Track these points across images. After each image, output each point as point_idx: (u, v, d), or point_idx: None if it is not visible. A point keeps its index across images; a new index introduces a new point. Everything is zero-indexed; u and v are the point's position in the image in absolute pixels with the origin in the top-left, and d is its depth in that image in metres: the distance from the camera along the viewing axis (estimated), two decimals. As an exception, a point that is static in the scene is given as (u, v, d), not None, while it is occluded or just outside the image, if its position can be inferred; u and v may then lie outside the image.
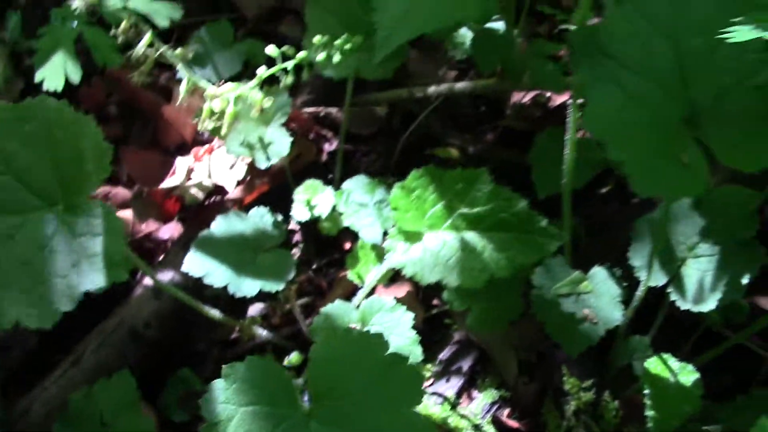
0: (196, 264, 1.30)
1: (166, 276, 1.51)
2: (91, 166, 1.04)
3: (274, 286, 1.30)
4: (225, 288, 1.32)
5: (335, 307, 1.28)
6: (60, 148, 1.03)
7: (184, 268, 1.30)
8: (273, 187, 1.63)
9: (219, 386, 0.94)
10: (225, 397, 0.94)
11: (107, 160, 1.04)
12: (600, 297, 1.27)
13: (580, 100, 1.17)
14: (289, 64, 1.29)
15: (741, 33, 0.80)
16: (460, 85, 1.72)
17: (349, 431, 0.95)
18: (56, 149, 1.03)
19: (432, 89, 1.73)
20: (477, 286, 1.14)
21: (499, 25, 1.59)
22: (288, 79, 1.31)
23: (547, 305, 1.26)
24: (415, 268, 1.15)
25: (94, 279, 1.00)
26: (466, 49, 1.66)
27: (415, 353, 1.24)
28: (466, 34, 1.66)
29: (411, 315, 1.27)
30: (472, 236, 1.17)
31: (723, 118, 0.98)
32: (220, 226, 1.36)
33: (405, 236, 1.18)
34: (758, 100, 0.97)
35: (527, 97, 1.82)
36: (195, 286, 1.53)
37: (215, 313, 1.32)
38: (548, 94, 1.76)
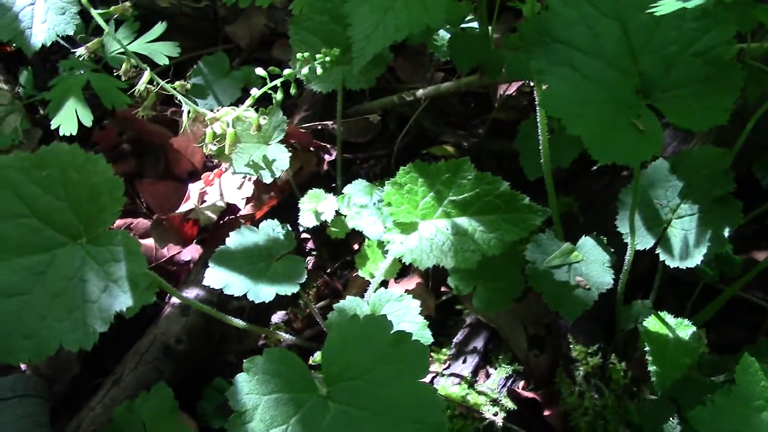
0: (216, 277, 1.40)
1: (191, 293, 1.62)
2: (107, 199, 1.14)
3: (288, 290, 1.39)
4: (247, 299, 1.43)
5: (347, 303, 1.38)
6: (76, 188, 1.14)
7: (205, 282, 1.40)
8: (281, 200, 1.74)
9: (242, 379, 1.04)
10: (248, 388, 1.04)
11: (120, 192, 1.14)
12: (590, 264, 1.35)
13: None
14: (277, 82, 1.39)
15: (665, 6, 0.89)
16: (446, 85, 1.82)
17: (363, 406, 1.04)
18: (73, 189, 1.14)
19: (420, 92, 1.83)
20: (471, 266, 1.23)
21: (474, 25, 1.69)
22: (278, 96, 1.41)
23: (542, 277, 1.34)
24: (413, 256, 1.25)
25: (122, 300, 1.10)
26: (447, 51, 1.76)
27: (425, 336, 1.33)
28: (446, 37, 1.75)
29: (417, 302, 1.36)
30: (462, 221, 1.26)
31: (672, 84, 1.07)
32: (235, 240, 1.46)
33: (401, 228, 1.28)
34: (701, 64, 1.06)
35: (512, 89, 1.91)
36: (219, 301, 1.64)
37: (239, 322, 1.42)
38: (531, 83, 1.84)
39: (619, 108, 1.05)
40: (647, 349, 1.36)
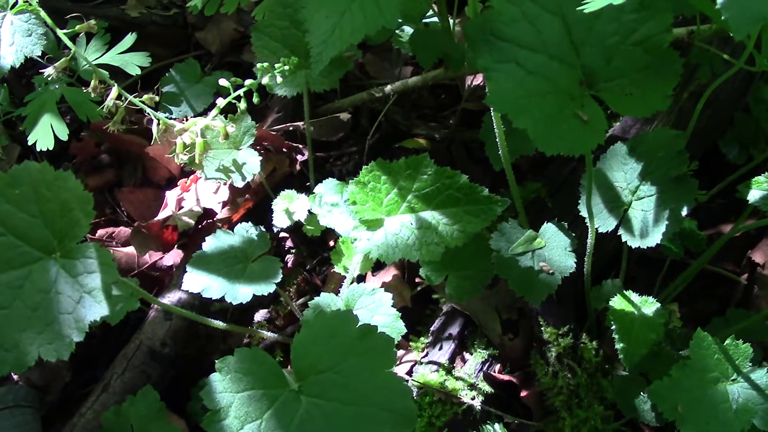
0: (194, 281, 1.44)
1: (174, 297, 1.66)
2: (78, 214, 1.18)
3: (265, 290, 1.43)
4: (227, 300, 1.47)
5: (322, 299, 1.42)
6: (48, 204, 1.17)
7: (184, 286, 1.44)
8: (257, 203, 1.78)
9: (215, 378, 1.09)
10: (222, 387, 1.08)
11: (90, 206, 1.17)
12: (553, 249, 1.40)
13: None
14: (241, 92, 1.44)
15: (595, 2, 0.93)
16: (414, 80, 1.86)
17: (333, 398, 1.09)
18: (45, 205, 1.17)
19: (389, 87, 1.87)
20: (435, 258, 1.27)
21: (435, 20, 1.72)
22: (242, 105, 1.45)
23: (507, 264, 1.38)
24: (380, 251, 1.29)
25: (97, 310, 1.14)
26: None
27: (398, 328, 1.38)
28: (410, 32, 1.79)
29: (389, 296, 1.40)
30: (425, 215, 1.30)
31: (613, 74, 1.11)
32: (211, 244, 1.50)
33: (367, 225, 1.32)
34: (641, 53, 1.09)
35: (479, 79, 1.95)
36: (201, 303, 1.69)
37: (220, 324, 1.46)
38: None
39: (563, 100, 1.09)
40: (614, 327, 1.41)
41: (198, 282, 1.45)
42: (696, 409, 1.14)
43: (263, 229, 1.55)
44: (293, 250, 1.82)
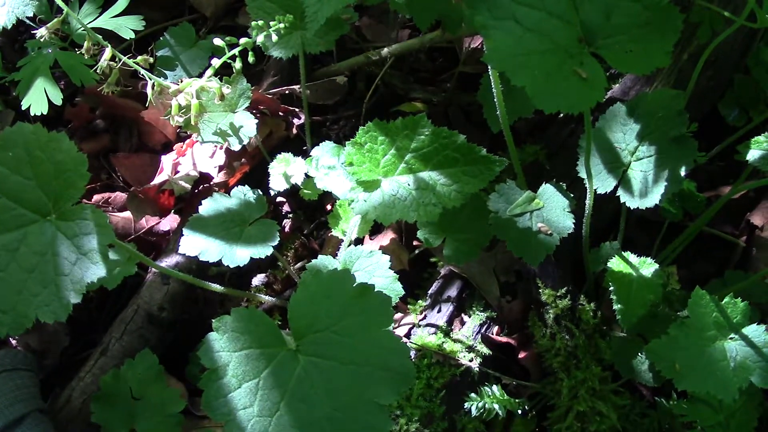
0: (191, 244, 1.44)
1: (171, 261, 1.65)
2: (73, 176, 1.17)
3: (263, 252, 1.43)
4: (225, 265, 1.47)
5: (320, 261, 1.42)
6: (42, 166, 1.17)
7: (181, 249, 1.44)
8: (253, 167, 1.77)
9: (213, 338, 1.08)
10: (219, 346, 1.08)
11: (84, 167, 1.17)
12: (551, 210, 1.39)
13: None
14: (236, 51, 1.42)
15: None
16: (411, 42, 1.84)
17: (331, 357, 1.09)
18: (39, 167, 1.17)
19: (386, 50, 1.85)
20: (433, 219, 1.26)
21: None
22: (237, 65, 1.44)
23: (505, 225, 1.38)
24: (377, 212, 1.28)
25: (94, 271, 1.13)
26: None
27: (396, 290, 1.38)
28: (407, -6, 1.77)
29: (387, 258, 1.40)
30: (422, 175, 1.29)
31: (613, 31, 1.10)
32: (208, 207, 1.50)
33: (364, 186, 1.31)
34: (640, 10, 1.08)
35: (477, 42, 1.93)
36: (199, 267, 1.68)
37: (217, 287, 1.46)
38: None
39: (562, 57, 1.08)
40: (612, 288, 1.41)
41: (195, 245, 1.44)
42: (694, 367, 1.14)
43: (260, 193, 1.54)
44: (290, 215, 1.81)
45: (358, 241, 1.64)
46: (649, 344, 1.18)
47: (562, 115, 1.83)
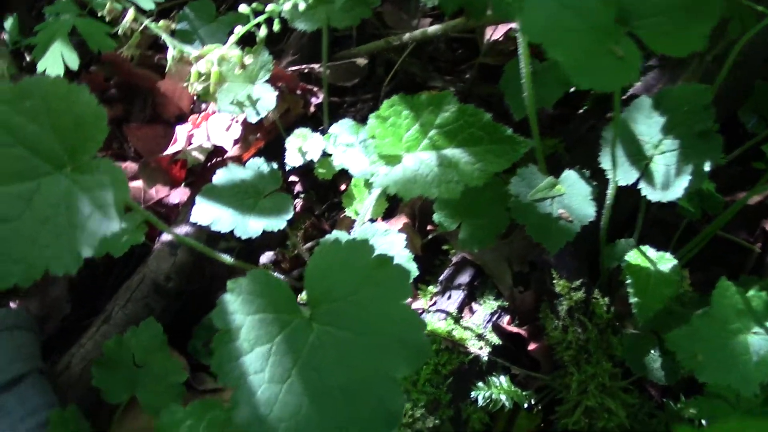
0: (203, 212, 1.41)
1: (180, 233, 1.63)
2: (91, 129, 1.15)
3: (276, 225, 1.40)
4: (235, 241, 1.44)
5: (333, 236, 1.39)
6: (60, 117, 1.14)
7: (193, 218, 1.41)
8: (268, 142, 1.75)
9: (227, 299, 1.05)
10: (233, 308, 1.05)
11: (103, 121, 1.14)
12: (573, 197, 1.37)
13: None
14: (261, 19, 1.40)
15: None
16: (433, 29, 1.82)
17: (346, 327, 1.06)
18: (57, 119, 1.14)
19: (407, 36, 1.83)
20: (455, 196, 1.24)
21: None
22: (262, 33, 1.41)
23: (525, 210, 1.36)
24: (397, 187, 1.25)
25: (108, 225, 1.10)
26: (433, -4, 1.75)
27: (411, 269, 1.35)
28: (430, -21, 1.75)
29: (403, 236, 1.37)
30: (446, 152, 1.27)
31: (650, 12, 1.08)
32: (222, 177, 1.47)
33: (386, 160, 1.28)
34: (680, -11, 1.06)
35: (499, 33, 1.91)
36: (208, 242, 1.66)
37: (227, 258, 1.43)
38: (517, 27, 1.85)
39: (598, 35, 1.06)
40: (629, 281, 1.38)
41: (207, 213, 1.42)
42: (716, 359, 1.12)
43: (276, 166, 1.51)
44: (302, 195, 1.79)
45: (370, 222, 1.61)
46: (671, 334, 1.16)
47: (581, 110, 1.81)
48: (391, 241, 1.38)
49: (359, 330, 1.07)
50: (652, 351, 1.44)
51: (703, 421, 1.33)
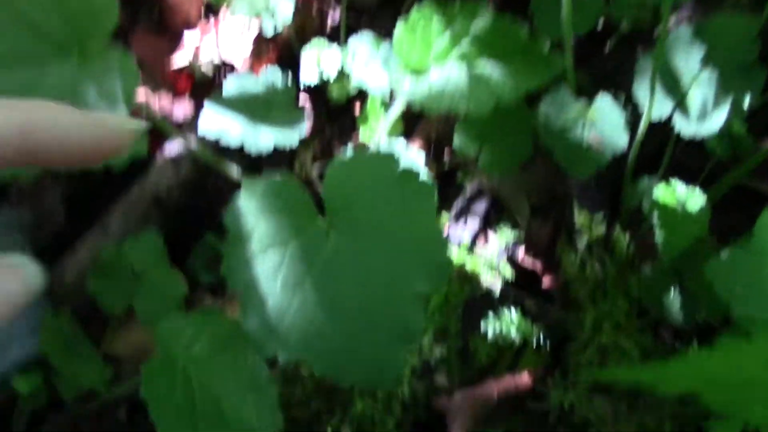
0: (211, 122, 1.33)
1: (183, 146, 1.55)
2: (101, 16, 1.07)
3: (287, 140, 1.33)
4: (241, 159, 1.37)
5: (347, 152, 1.32)
6: (70, 2, 1.06)
7: (200, 127, 1.33)
8: (280, 60, 1.66)
9: (241, 201, 0.98)
10: (247, 210, 0.98)
11: (115, 8, 1.07)
12: (606, 124, 1.30)
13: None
14: None
15: None
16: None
17: (366, 240, 1.00)
18: (66, 3, 1.06)
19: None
20: (484, 112, 1.16)
21: None
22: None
23: (555, 134, 1.29)
24: (423, 101, 1.18)
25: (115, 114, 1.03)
26: None
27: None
28: None
29: (423, 154, 1.31)
30: (477, 66, 1.19)
31: None
32: (232, 87, 1.39)
33: (412, 72, 1.21)
34: None
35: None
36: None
37: (236, 170, 1.36)
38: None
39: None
40: (655, 217, 1.32)
41: (216, 123, 1.34)
42: (754, 291, 1.06)
43: (289, 80, 1.43)
44: (312, 116, 1.71)
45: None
46: (710, 264, 1.10)
47: (608, 47, 1.74)
48: (410, 159, 1.31)
49: (380, 243, 1.00)
50: (672, 292, 1.39)
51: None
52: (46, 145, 0.49)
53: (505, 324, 1.38)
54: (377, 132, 1.44)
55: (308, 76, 1.50)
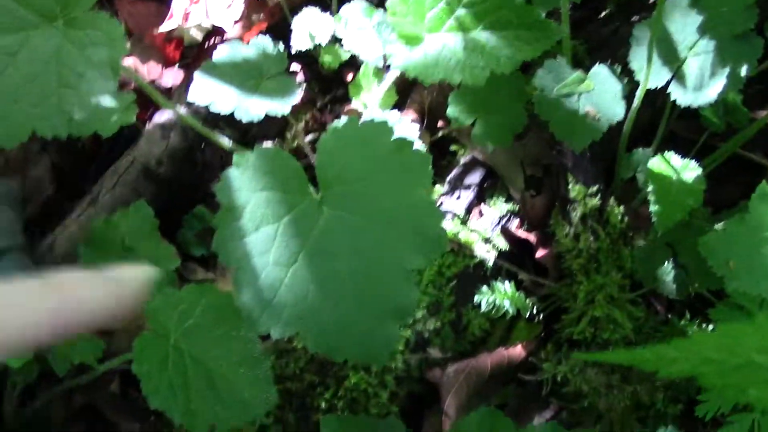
0: (202, 91, 1.30)
1: (173, 116, 1.52)
2: (86, -21, 1.04)
3: (279, 109, 1.30)
4: (231, 129, 1.34)
5: (341, 121, 1.30)
6: (50, -34, 1.03)
7: (191, 95, 1.30)
8: (271, 25, 1.63)
9: (232, 174, 0.96)
10: (239, 184, 0.96)
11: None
12: (602, 94, 1.28)
13: None
14: None
15: None
16: None
17: (359, 212, 0.98)
18: (47, -33, 1.03)
19: None
20: (479, 83, 1.14)
21: None
22: None
23: (550, 105, 1.27)
24: (417, 70, 1.16)
25: (102, 85, 1.01)
26: None
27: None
28: None
29: (416, 125, 1.29)
30: (472, 35, 1.17)
31: None
32: (224, 54, 1.36)
33: (405, 41, 1.18)
34: None
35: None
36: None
37: (226, 141, 1.34)
38: None
39: None
40: (650, 189, 1.31)
41: (206, 91, 1.31)
42: (748, 266, 1.06)
43: (282, 46, 1.40)
44: (304, 85, 1.68)
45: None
46: (704, 237, 1.10)
47: (604, 12, 1.71)
48: (404, 129, 1.29)
49: (373, 216, 0.99)
50: (666, 263, 1.39)
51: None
52: (77, 322, 0.52)
53: (499, 296, 1.37)
54: (370, 102, 1.42)
55: (299, 43, 1.47)
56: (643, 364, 0.57)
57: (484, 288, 1.38)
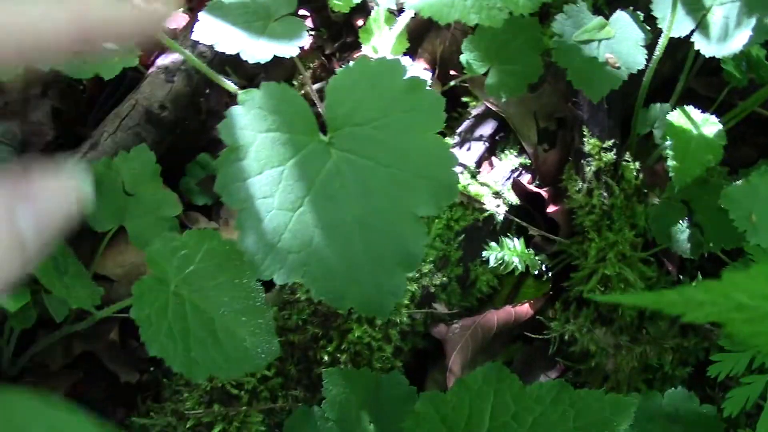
0: (207, 30, 1.25)
1: (177, 59, 1.48)
2: None
3: (287, 51, 1.25)
4: (236, 74, 1.29)
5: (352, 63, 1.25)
6: None
7: (195, 35, 1.25)
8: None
9: (237, 112, 0.92)
10: (243, 122, 0.92)
11: None
12: (622, 42, 1.23)
13: None
14: None
15: None
16: None
17: (369, 155, 0.94)
18: None
19: None
20: (496, 24, 1.09)
21: None
22: None
23: (569, 51, 1.22)
24: (432, 10, 1.10)
25: None
26: None
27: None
28: None
29: (429, 74, 1.24)
30: (489, -25, 1.12)
31: None
32: (229, -7, 1.31)
33: (420, -20, 1.13)
34: None
35: None
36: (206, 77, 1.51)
37: (231, 84, 1.29)
38: None
39: None
40: (668, 143, 1.27)
41: (212, 31, 1.25)
42: (769, 221, 1.02)
43: (288, -9, 1.35)
44: (312, 32, 1.63)
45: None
46: (727, 189, 1.06)
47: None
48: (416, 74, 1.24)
49: (383, 159, 0.94)
50: (680, 222, 1.35)
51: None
52: (100, 28, 0.48)
53: (507, 252, 1.34)
54: (381, 47, 1.37)
55: (309, -14, 1.42)
56: (668, 306, 0.54)
57: (493, 243, 1.34)
